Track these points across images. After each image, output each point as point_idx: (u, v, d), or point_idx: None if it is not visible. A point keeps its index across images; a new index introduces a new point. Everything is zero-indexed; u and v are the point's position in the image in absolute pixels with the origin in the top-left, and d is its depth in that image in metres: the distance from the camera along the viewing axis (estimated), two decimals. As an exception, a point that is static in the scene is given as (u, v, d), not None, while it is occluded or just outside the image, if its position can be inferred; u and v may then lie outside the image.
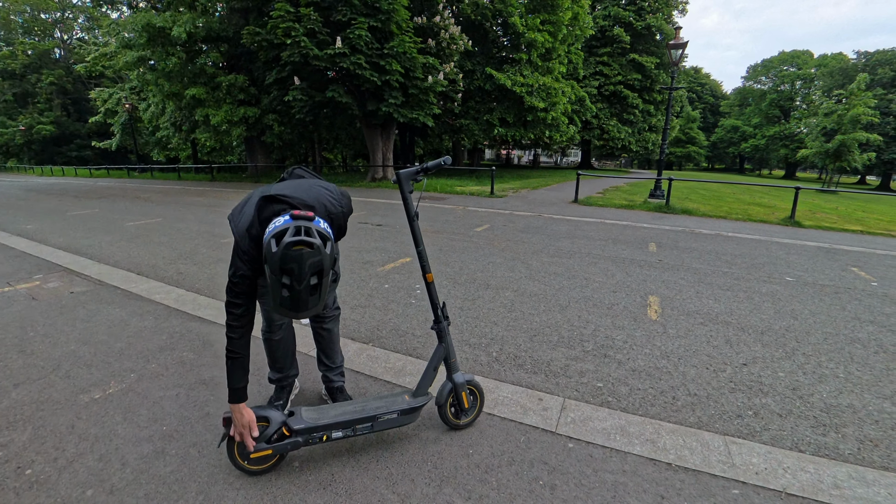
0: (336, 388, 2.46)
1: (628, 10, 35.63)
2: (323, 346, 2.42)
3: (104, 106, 33.85)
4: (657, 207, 11.55)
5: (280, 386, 2.40)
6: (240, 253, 1.74)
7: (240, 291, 1.78)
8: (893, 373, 3.01)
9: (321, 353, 2.44)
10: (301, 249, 1.48)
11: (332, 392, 2.47)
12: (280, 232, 1.52)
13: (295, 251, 1.48)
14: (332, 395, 2.48)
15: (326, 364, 2.45)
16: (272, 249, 1.49)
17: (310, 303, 1.56)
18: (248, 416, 1.82)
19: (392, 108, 15.64)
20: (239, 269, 1.75)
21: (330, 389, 2.48)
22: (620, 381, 2.78)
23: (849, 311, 4.21)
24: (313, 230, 1.54)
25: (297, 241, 1.49)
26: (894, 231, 9.91)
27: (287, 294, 1.52)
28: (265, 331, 2.29)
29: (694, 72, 72.00)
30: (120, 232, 7.51)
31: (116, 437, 2.14)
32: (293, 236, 1.49)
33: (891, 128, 42.84)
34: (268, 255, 1.50)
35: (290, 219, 1.56)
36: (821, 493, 1.90)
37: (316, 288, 1.55)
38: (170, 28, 15.28)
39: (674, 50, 12.56)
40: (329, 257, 1.56)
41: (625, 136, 36.54)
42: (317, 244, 1.51)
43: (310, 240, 1.50)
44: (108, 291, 4.36)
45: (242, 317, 1.82)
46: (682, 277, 5.14)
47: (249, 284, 1.78)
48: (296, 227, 1.52)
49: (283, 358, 2.33)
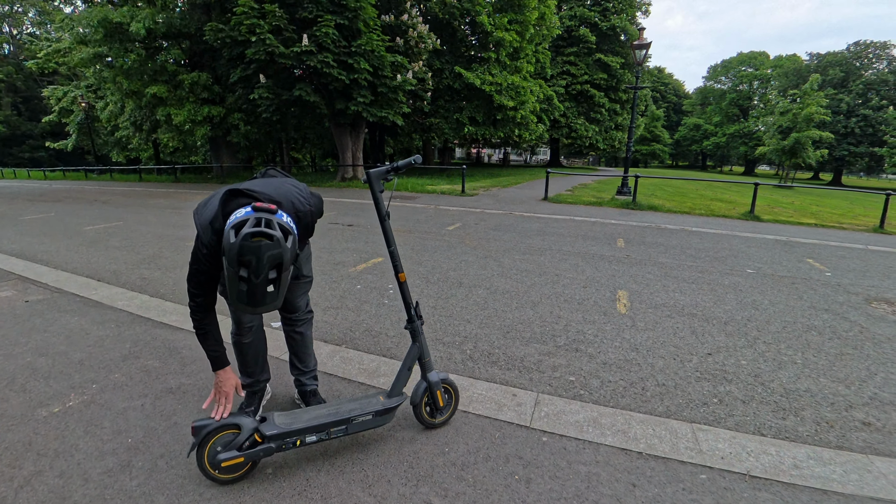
0: (309, 392, 2.41)
1: (593, 11, 36.32)
2: (296, 349, 2.38)
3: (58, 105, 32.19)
4: (624, 204, 11.85)
5: (251, 391, 2.34)
6: (200, 246, 1.71)
7: (199, 282, 1.76)
8: (847, 357, 3.18)
9: (294, 356, 2.40)
10: (260, 241, 1.44)
11: (304, 396, 2.43)
12: (240, 223, 1.48)
13: (253, 243, 1.43)
14: (304, 398, 2.43)
15: (299, 368, 2.40)
16: (230, 240, 1.45)
17: (267, 298, 1.52)
18: (233, 379, 1.88)
19: (361, 106, 15.48)
20: (198, 262, 1.72)
21: (303, 393, 2.43)
22: (592, 375, 2.84)
23: (805, 301, 4.42)
24: (274, 222, 1.50)
25: (257, 233, 1.45)
26: (846, 224, 10.45)
27: (244, 288, 1.48)
28: (234, 333, 2.22)
29: (658, 72, 74.00)
30: (78, 237, 7.18)
31: (78, 451, 2.05)
32: (252, 227, 1.46)
33: (841, 126, 45.09)
34: (226, 247, 1.46)
35: (252, 210, 1.53)
36: (782, 473, 1.99)
37: (274, 282, 1.51)
38: (128, 23, 14.69)
39: (638, 50, 12.89)
40: (290, 251, 1.52)
41: (592, 135, 37.27)
42: (277, 236, 1.47)
43: (270, 231, 1.46)
44: (67, 299, 4.17)
45: (203, 305, 1.83)
46: (649, 272, 5.28)
47: (209, 278, 1.76)
48: (256, 219, 1.48)
49: (253, 362, 2.28)
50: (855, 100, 46.16)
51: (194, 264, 1.73)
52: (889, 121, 39.26)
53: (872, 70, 48.34)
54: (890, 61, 47.65)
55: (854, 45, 49.46)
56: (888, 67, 47.41)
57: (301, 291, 2.30)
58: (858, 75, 48.04)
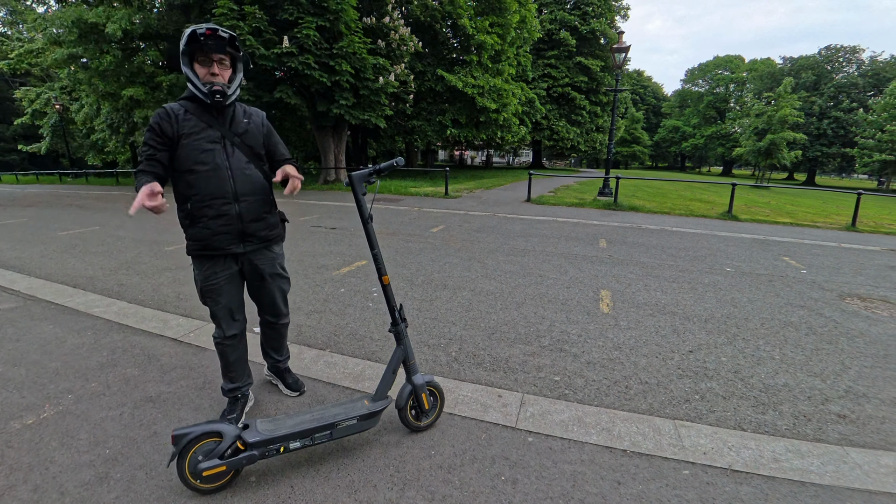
0: (283, 370, 2.59)
1: (573, 15, 36.77)
2: (273, 345, 2.51)
3: (31, 106, 31.30)
4: (606, 205, 12.00)
5: (233, 398, 2.31)
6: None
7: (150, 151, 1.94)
8: (823, 352, 3.26)
9: (270, 350, 2.53)
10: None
11: (280, 373, 2.59)
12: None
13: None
14: (280, 375, 2.59)
15: (274, 357, 2.55)
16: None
17: None
18: (157, 186, 1.79)
19: (343, 109, 15.39)
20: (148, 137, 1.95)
21: (277, 371, 2.59)
22: (576, 374, 2.86)
23: (782, 298, 4.53)
24: None
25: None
26: (820, 222, 10.74)
27: None
28: (217, 336, 2.21)
29: (637, 74, 75.27)
30: (52, 242, 6.99)
31: (53, 464, 1.99)
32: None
33: (814, 128, 46.41)
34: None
35: None
36: (762, 467, 2.04)
37: None
38: (103, 24, 14.35)
39: (617, 54, 13.08)
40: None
41: (573, 137, 37.71)
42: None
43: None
44: (41, 307, 4.05)
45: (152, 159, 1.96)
46: (631, 271, 5.35)
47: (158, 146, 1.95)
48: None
49: (236, 363, 2.25)
50: (827, 102, 47.57)
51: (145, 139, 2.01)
52: (859, 122, 40.54)
53: (843, 73, 49.90)
54: (859, 65, 49.22)
55: (825, 50, 50.98)
56: (858, 71, 48.97)
57: (284, 291, 2.40)
58: (830, 78, 49.52)
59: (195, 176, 1.96)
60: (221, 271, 2.10)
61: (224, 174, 2.00)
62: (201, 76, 1.93)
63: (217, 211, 2.00)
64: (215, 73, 1.94)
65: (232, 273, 2.15)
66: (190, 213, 2.00)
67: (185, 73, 1.93)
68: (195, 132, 1.95)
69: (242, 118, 2.11)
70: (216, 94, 1.92)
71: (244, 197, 2.06)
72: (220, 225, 2.01)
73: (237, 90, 2.03)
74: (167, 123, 1.92)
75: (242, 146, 2.08)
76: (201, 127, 1.97)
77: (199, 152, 1.95)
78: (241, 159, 2.06)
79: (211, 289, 2.10)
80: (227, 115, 2.05)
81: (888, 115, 36.15)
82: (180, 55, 1.91)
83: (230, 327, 2.20)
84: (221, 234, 2.03)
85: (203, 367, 2.88)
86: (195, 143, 1.95)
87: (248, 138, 2.09)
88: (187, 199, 2.00)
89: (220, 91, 1.92)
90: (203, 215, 1.99)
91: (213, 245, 2.04)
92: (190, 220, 2.02)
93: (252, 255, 2.17)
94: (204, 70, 1.93)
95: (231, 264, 2.13)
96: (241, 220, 2.06)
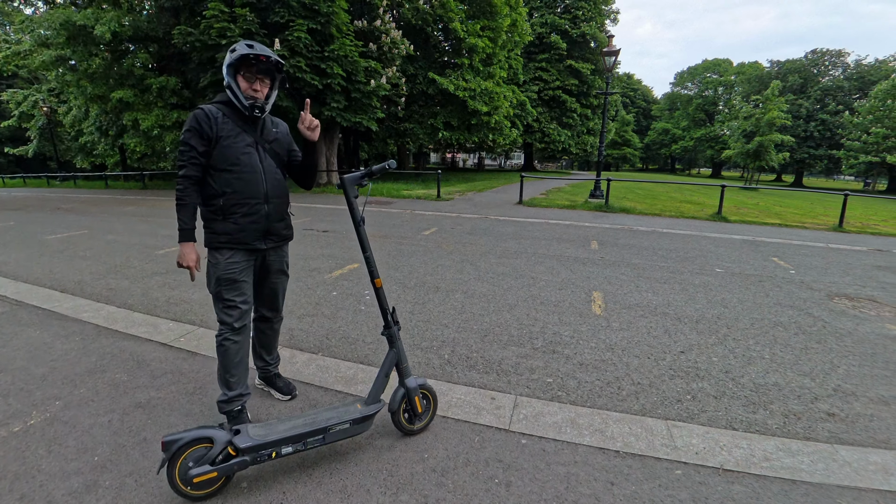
0: (273, 375, 2.59)
1: (564, 19, 37.03)
2: (265, 343, 2.53)
3: (18, 109, 30.88)
4: (597, 207, 12.07)
5: (236, 411, 2.20)
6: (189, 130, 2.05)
7: (187, 161, 2.05)
8: (811, 351, 3.30)
9: (262, 349, 2.54)
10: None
11: (270, 380, 2.59)
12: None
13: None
14: (270, 382, 2.60)
15: (265, 359, 2.56)
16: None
17: None
18: (197, 254, 2.12)
19: (335, 111, 15.36)
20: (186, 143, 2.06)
21: (268, 378, 2.59)
22: (569, 376, 2.87)
23: (771, 298, 4.58)
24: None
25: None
26: (808, 223, 10.88)
27: None
28: (223, 331, 2.16)
29: (627, 78, 75.84)
30: (40, 246, 6.89)
31: (40, 472, 1.96)
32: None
33: (801, 130, 47.05)
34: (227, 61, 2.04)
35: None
36: (753, 466, 2.05)
37: None
38: (92, 26, 14.20)
39: (607, 57, 13.18)
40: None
41: (565, 139, 37.93)
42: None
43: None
44: (28, 312, 3.99)
45: (189, 178, 2.08)
46: (622, 273, 5.38)
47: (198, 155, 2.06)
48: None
49: (239, 364, 2.19)
50: (813, 105, 48.27)
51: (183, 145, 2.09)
52: (845, 125, 41.19)
53: (829, 77, 50.64)
54: (844, 68, 50.00)
55: (811, 53, 51.72)
56: (843, 74, 49.74)
57: (284, 288, 2.51)
58: (816, 82, 50.25)
59: (233, 175, 2.08)
60: (240, 263, 2.18)
61: (259, 177, 2.14)
62: (243, 89, 2.08)
63: (250, 209, 2.13)
64: (257, 90, 2.10)
65: (249, 268, 2.23)
66: (221, 208, 2.10)
67: (227, 82, 2.08)
68: (232, 135, 2.09)
69: (272, 127, 2.27)
70: (256, 108, 2.09)
71: (273, 198, 2.21)
72: (250, 222, 2.14)
73: (271, 106, 2.20)
74: (206, 125, 2.04)
75: (272, 152, 2.24)
76: (237, 131, 2.10)
77: (238, 154, 2.09)
78: (272, 164, 2.22)
79: (227, 278, 2.14)
80: (259, 124, 2.20)
81: (873, 117, 36.78)
82: (226, 66, 2.07)
83: (239, 319, 2.16)
84: (250, 230, 2.15)
85: (194, 372, 2.85)
86: (234, 145, 2.08)
87: (276, 146, 2.26)
88: (220, 196, 2.09)
89: (260, 107, 2.10)
90: (235, 212, 2.11)
91: (240, 239, 2.14)
92: (221, 216, 2.11)
93: (268, 252, 2.30)
94: (247, 84, 2.08)
95: (250, 258, 2.23)
96: (269, 219, 2.20)
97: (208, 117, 2.04)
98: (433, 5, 18.87)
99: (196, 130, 2.03)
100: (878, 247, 7.95)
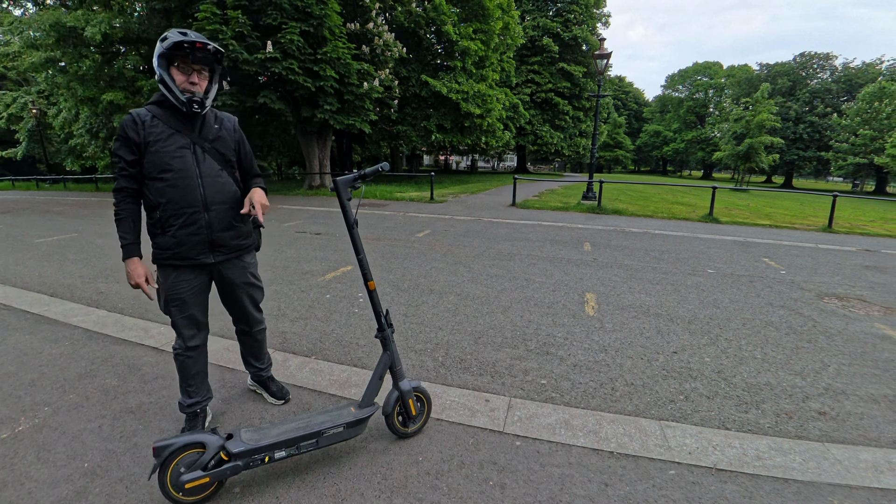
0: (267, 378, 2.54)
1: (556, 22, 37.23)
2: (253, 352, 2.47)
3: (7, 111, 30.61)
4: (590, 208, 12.13)
5: (192, 413, 2.22)
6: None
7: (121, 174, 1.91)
8: (802, 351, 3.33)
9: (250, 357, 2.48)
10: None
11: (264, 383, 2.54)
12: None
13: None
14: (264, 385, 2.54)
15: (255, 365, 2.50)
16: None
17: None
18: (143, 269, 1.94)
19: (327, 114, 15.32)
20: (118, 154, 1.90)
21: (261, 381, 2.54)
22: (563, 377, 2.87)
23: (763, 298, 4.62)
24: None
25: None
26: (798, 224, 11.00)
27: None
28: (178, 346, 2.13)
29: (619, 80, 76.26)
30: (28, 250, 6.80)
31: (29, 479, 1.93)
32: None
33: (790, 132, 47.59)
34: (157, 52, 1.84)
35: None
36: (746, 465, 2.06)
37: None
38: (82, 28, 14.08)
39: (599, 60, 13.26)
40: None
41: (557, 142, 38.09)
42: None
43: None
44: (16, 316, 3.94)
45: (126, 193, 1.95)
46: (615, 274, 5.41)
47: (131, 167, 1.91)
48: None
49: (196, 376, 2.18)
50: (802, 107, 48.84)
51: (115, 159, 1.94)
52: (834, 127, 41.73)
53: (817, 79, 51.28)
54: (832, 71, 50.66)
55: (800, 56, 52.34)
56: (831, 77, 50.40)
57: (255, 300, 2.35)
58: (804, 84, 50.86)
59: (163, 183, 1.90)
60: (189, 281, 2.04)
61: (193, 182, 1.94)
62: (179, 83, 1.88)
63: (187, 220, 1.94)
64: (194, 83, 1.91)
65: (200, 283, 2.08)
66: (158, 221, 1.94)
67: (159, 75, 1.87)
68: (162, 138, 1.89)
69: (213, 124, 2.05)
70: (194, 103, 1.89)
71: (214, 205, 2.00)
72: (188, 234, 1.96)
73: (212, 101, 2.01)
74: (133, 131, 1.87)
75: (214, 153, 2.02)
76: (169, 133, 1.91)
77: (168, 159, 1.89)
78: (212, 166, 2.00)
79: (176, 298, 2.03)
80: (197, 121, 1.99)
81: (861, 119, 37.31)
82: (156, 56, 1.86)
83: (192, 338, 2.12)
84: (191, 243, 1.97)
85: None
86: (163, 150, 1.89)
87: (219, 145, 2.04)
88: (156, 208, 1.93)
89: (198, 101, 1.90)
90: (172, 224, 1.94)
91: (181, 255, 1.98)
92: (159, 229, 1.96)
93: (222, 266, 2.12)
94: (182, 77, 1.89)
95: (200, 274, 2.07)
96: (211, 230, 2.00)
97: (135, 122, 1.88)
98: (426, 8, 18.92)
99: (123, 139, 1.88)
100: (867, 247, 8.05)
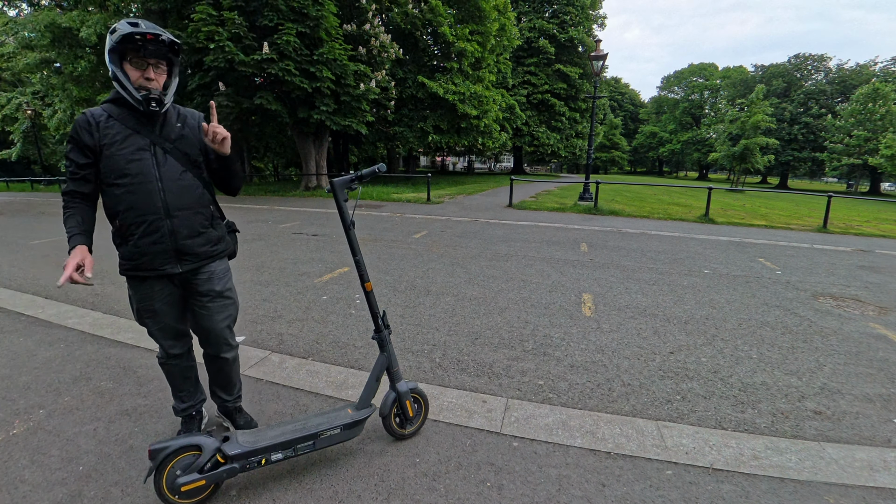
0: (233, 409, 2.26)
1: (552, 23, 37.32)
2: (218, 382, 2.18)
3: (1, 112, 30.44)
4: (587, 209, 12.15)
5: (188, 416, 2.19)
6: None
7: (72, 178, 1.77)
8: (798, 351, 3.34)
9: (216, 387, 2.20)
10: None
11: (229, 414, 2.27)
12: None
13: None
14: (230, 416, 2.28)
15: (222, 397, 2.22)
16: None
17: None
18: (80, 257, 1.70)
19: (324, 115, 15.31)
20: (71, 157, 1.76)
21: (226, 412, 2.27)
22: (560, 378, 2.87)
23: (758, 298, 4.63)
24: None
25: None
26: (793, 224, 11.05)
27: None
28: (161, 356, 2.07)
29: (615, 82, 76.54)
30: (23, 251, 6.76)
31: (23, 483, 1.92)
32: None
33: (785, 133, 47.86)
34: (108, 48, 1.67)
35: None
36: (743, 465, 2.07)
37: None
38: (77, 29, 14.04)
39: (595, 61, 13.31)
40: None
41: (554, 143, 38.18)
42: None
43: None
44: (11, 319, 3.91)
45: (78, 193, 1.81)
46: (612, 275, 5.42)
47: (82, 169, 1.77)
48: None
49: (185, 382, 2.14)
50: (797, 108, 49.12)
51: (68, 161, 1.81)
52: (828, 128, 41.98)
53: (812, 81, 51.62)
54: (827, 73, 50.99)
55: (795, 58, 52.66)
56: (825, 78, 50.72)
57: (228, 317, 2.06)
58: (799, 86, 51.18)
59: (121, 189, 1.74)
60: (159, 291, 1.91)
61: (153, 186, 1.77)
62: (133, 79, 1.70)
63: (148, 228, 1.78)
64: (150, 78, 1.73)
65: (171, 294, 1.94)
66: (119, 230, 1.81)
67: (112, 72, 1.70)
68: (118, 140, 1.73)
69: (175, 122, 1.87)
70: (152, 101, 1.71)
71: (178, 211, 1.83)
72: (150, 243, 1.79)
73: (172, 97, 1.84)
74: (86, 132, 1.71)
75: (176, 153, 1.84)
76: (126, 134, 1.74)
77: (125, 162, 1.73)
78: (174, 168, 1.83)
79: (147, 310, 1.92)
80: (158, 120, 1.82)
81: (855, 120, 37.54)
82: (107, 52, 1.69)
83: (172, 347, 2.04)
84: (153, 253, 1.81)
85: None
86: (119, 153, 1.72)
87: (182, 144, 1.86)
88: (115, 216, 1.79)
89: (156, 99, 1.72)
90: (133, 233, 1.78)
91: (145, 266, 1.82)
92: (120, 239, 1.82)
93: (191, 276, 1.93)
94: (137, 73, 1.71)
95: (168, 285, 1.92)
96: (176, 238, 1.83)
97: (88, 123, 1.71)
98: (422, 10, 18.94)
99: (75, 141, 1.72)
100: (861, 247, 8.10)
